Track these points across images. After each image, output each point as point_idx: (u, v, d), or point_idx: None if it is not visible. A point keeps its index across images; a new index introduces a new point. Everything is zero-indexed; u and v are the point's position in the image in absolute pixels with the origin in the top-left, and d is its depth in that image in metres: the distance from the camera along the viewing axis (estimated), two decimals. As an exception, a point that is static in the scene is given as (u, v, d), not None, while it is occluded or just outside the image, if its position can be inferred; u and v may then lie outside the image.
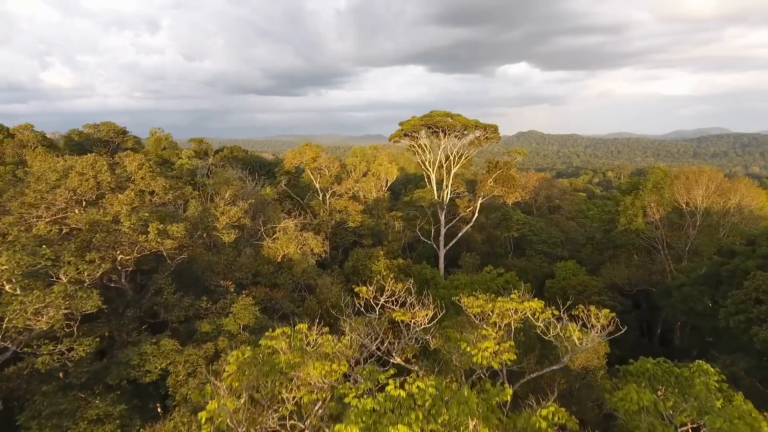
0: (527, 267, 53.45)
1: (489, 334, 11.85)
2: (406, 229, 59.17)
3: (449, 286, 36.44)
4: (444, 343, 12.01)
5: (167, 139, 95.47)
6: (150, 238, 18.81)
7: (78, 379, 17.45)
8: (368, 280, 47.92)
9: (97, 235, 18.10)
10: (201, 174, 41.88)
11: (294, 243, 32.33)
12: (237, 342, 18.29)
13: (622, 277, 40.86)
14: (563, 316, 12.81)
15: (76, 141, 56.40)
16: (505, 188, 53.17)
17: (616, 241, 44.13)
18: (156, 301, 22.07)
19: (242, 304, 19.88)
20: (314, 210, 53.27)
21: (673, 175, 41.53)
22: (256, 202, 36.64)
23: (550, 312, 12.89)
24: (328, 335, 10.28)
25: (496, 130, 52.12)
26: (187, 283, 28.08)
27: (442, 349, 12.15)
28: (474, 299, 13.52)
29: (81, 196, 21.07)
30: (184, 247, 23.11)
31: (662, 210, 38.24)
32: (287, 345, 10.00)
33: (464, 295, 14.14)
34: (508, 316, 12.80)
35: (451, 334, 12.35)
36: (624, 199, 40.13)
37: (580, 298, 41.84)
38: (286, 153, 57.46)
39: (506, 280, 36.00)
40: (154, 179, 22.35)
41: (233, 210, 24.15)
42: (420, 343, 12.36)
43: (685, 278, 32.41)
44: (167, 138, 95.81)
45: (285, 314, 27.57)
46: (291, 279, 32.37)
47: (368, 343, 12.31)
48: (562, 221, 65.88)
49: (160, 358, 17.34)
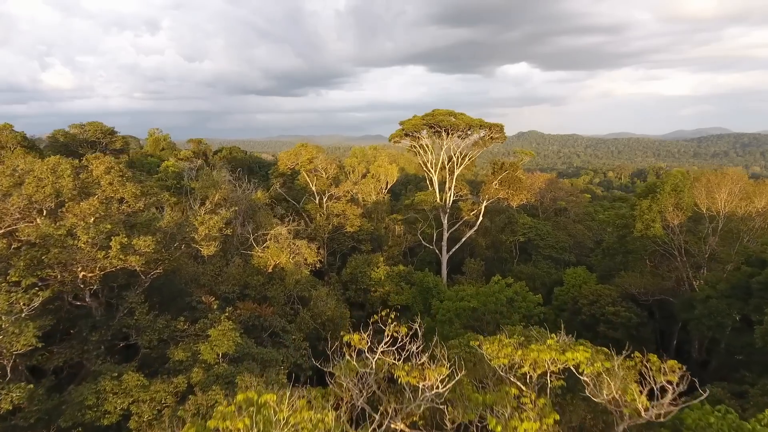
0: (534, 273, 50.90)
1: (525, 402, 9.18)
2: (407, 233, 56.65)
3: (454, 298, 33.87)
4: (462, 411, 9.37)
5: (166, 139, 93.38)
6: (111, 254, 16.27)
7: (26, 421, 14.88)
8: (367, 288, 45.65)
9: (50, 251, 15.60)
10: (189, 177, 39.27)
11: (286, 252, 29.77)
12: (212, 375, 15.73)
13: (638, 286, 38.25)
14: (617, 368, 10.03)
15: (61, 142, 53.79)
16: (510, 191, 50.66)
17: (629, 246, 41.53)
18: (126, 323, 19.49)
19: (221, 330, 17.31)
20: (310, 214, 50.71)
21: (693, 178, 38.94)
22: (247, 207, 34.09)
23: (600, 364, 10.16)
24: (304, 411, 7.72)
25: (501, 129, 49.62)
26: (167, 297, 25.50)
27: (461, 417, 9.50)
28: (499, 344, 10.82)
29: (40, 205, 18.57)
30: (160, 261, 20.54)
31: (681, 215, 35.65)
32: (246, 428, 7.42)
33: (486, 340, 11.39)
34: (543, 366, 10.18)
35: (470, 396, 9.71)
36: (640, 202, 37.52)
37: (593, 309, 39.32)
38: (280, 154, 54.84)
39: (515, 291, 33.43)
40: (123, 185, 19.79)
41: (213, 219, 21.61)
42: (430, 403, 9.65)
43: (711, 290, 29.86)
44: (166, 138, 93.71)
45: (275, 332, 25.03)
46: (283, 291, 29.84)
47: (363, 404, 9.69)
48: (569, 224, 63.26)
49: (121, 396, 14.77)
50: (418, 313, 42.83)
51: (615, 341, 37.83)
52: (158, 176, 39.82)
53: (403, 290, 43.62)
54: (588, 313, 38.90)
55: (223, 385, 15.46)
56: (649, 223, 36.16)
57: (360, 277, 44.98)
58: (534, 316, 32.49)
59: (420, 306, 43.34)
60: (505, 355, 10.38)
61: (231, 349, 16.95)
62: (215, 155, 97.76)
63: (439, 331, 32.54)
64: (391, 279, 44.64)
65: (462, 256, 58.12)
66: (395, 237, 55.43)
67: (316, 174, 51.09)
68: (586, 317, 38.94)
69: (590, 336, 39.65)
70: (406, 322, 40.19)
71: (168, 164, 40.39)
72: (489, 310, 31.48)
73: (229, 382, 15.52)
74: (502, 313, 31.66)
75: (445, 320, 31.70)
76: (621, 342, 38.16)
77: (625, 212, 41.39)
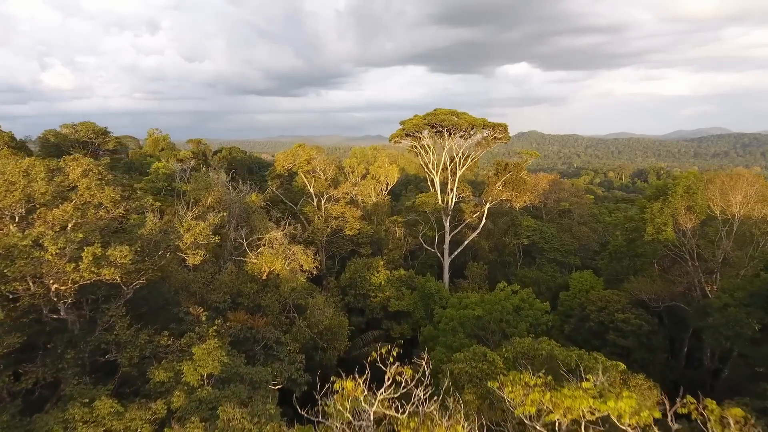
0: (539, 278, 49.39)
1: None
2: (408, 236, 55.13)
3: (457, 305, 32.35)
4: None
5: (165, 140, 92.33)
6: (82, 267, 14.75)
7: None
8: (366, 293, 44.08)
9: (15, 263, 14.10)
10: (181, 178, 37.71)
11: (281, 258, 28.25)
12: (195, 400, 14.21)
13: (649, 292, 36.72)
14: (670, 420, 8.41)
15: (52, 142, 52.27)
16: (514, 192, 49.14)
17: (638, 250, 39.99)
18: (104, 339, 17.97)
19: (205, 348, 15.77)
20: (308, 216, 49.18)
21: (706, 180, 37.39)
22: (240, 210, 32.56)
23: (648, 413, 8.54)
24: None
25: (505, 129, 48.10)
26: (154, 308, 23.96)
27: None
28: (524, 387, 9.12)
29: (10, 211, 17.06)
30: (143, 270, 19.03)
31: (695, 218, 34.13)
32: None
33: (507, 380, 9.64)
34: (577, 414, 8.59)
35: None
36: (651, 205, 35.97)
37: (602, 315, 37.80)
38: (277, 155, 53.21)
39: (521, 299, 31.90)
40: (102, 189, 18.22)
41: (199, 226, 20.03)
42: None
43: (729, 298, 28.36)
44: (165, 139, 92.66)
45: (268, 345, 23.51)
46: (278, 299, 28.31)
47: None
48: (574, 226, 61.71)
49: (92, 426, 13.25)
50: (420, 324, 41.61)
51: (625, 349, 36.50)
52: (148, 178, 38.18)
53: (403, 295, 42.13)
54: (596, 320, 37.38)
55: (206, 411, 13.94)
56: (661, 227, 34.61)
57: (359, 281, 43.49)
58: (541, 324, 30.97)
59: (421, 312, 41.83)
60: (532, 401, 8.75)
61: (216, 369, 15.44)
62: (215, 155, 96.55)
63: (442, 340, 31.10)
64: (392, 284, 43.15)
65: (464, 259, 56.59)
66: (396, 240, 53.90)
67: (315, 175, 49.56)
68: (595, 324, 37.43)
69: (599, 344, 38.18)
70: (408, 329, 37.99)
71: (158, 166, 38.78)
72: (494, 318, 29.97)
73: (212, 408, 14.00)
74: (508, 322, 30.17)
75: (449, 329, 30.20)
76: (631, 350, 36.56)
77: (634, 215, 39.79)
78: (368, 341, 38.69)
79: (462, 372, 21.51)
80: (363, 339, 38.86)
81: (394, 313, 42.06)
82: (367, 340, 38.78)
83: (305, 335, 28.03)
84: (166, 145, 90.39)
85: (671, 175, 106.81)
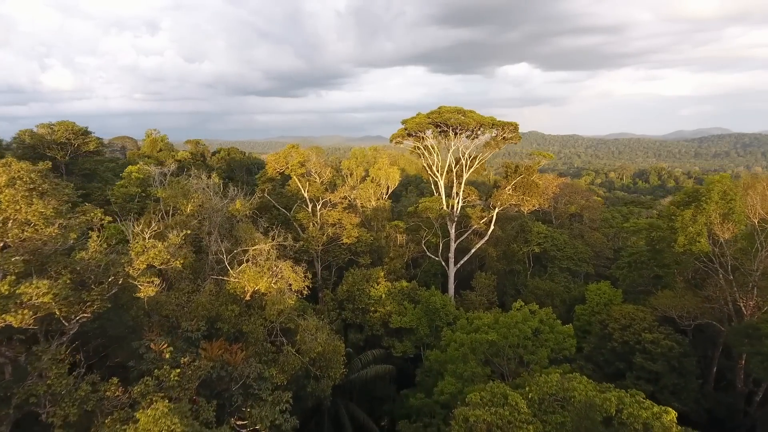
0: (552, 289, 45.68)
1: None
2: (410, 242, 51.45)
3: (468, 328, 28.62)
4: None
5: (163, 140, 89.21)
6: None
7: None
8: (365, 308, 40.35)
9: None
10: (162, 183, 34.01)
11: (266, 276, 24.56)
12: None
13: (679, 309, 33.03)
14: None
15: (27, 144, 48.57)
16: (525, 196, 45.48)
17: (665, 260, 36.27)
18: (34, 390, 14.26)
19: (150, 416, 12.07)
20: (302, 224, 45.48)
21: (744, 185, 33.72)
22: (223, 219, 28.87)
23: None
24: None
25: (515, 129, 44.45)
26: (113, 339, 20.27)
27: None
28: None
29: None
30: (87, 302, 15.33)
31: (733, 227, 30.49)
32: None
33: None
34: None
35: None
36: (681, 213, 32.27)
37: (626, 335, 34.10)
38: (267, 157, 49.43)
39: (540, 320, 28.18)
40: (29, 203, 14.50)
41: (154, 250, 16.29)
42: None
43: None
44: (163, 139, 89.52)
45: (247, 384, 19.80)
46: (262, 324, 24.61)
47: None
48: (586, 232, 58.06)
49: None
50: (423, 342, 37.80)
51: (653, 373, 32.72)
52: (120, 183, 34.39)
53: (406, 310, 38.44)
54: (620, 339, 33.60)
55: None
56: (694, 237, 30.93)
57: (358, 295, 39.83)
58: (564, 350, 27.23)
59: (426, 329, 38.14)
60: None
61: (167, 443, 11.81)
62: (213, 156, 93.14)
63: (452, 369, 27.36)
64: (393, 297, 39.47)
65: (471, 268, 52.91)
66: (397, 247, 50.21)
67: (309, 179, 45.86)
68: (618, 344, 33.64)
69: (624, 366, 34.38)
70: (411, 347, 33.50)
71: (132, 169, 35.06)
72: (511, 343, 26.25)
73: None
74: (526, 348, 26.45)
75: (458, 355, 26.46)
76: (660, 374, 32.53)
77: (661, 223, 36.08)
78: (367, 362, 34.99)
79: (479, 420, 17.86)
80: (362, 360, 35.16)
81: (396, 329, 38.41)
82: (366, 362, 35.07)
83: (295, 364, 24.30)
84: (165, 146, 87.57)
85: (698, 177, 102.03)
